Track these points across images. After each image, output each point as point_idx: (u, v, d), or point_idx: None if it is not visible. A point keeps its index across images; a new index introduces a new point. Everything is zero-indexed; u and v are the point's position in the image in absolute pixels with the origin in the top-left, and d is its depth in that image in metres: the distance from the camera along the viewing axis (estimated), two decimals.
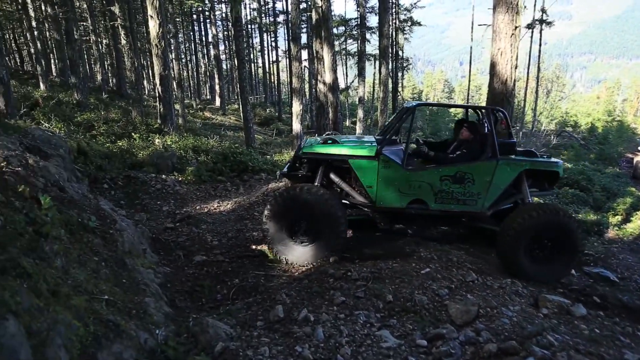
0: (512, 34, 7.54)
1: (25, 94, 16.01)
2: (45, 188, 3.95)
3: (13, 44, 30.24)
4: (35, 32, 21.51)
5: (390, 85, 23.99)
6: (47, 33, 22.42)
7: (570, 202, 11.79)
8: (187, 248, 6.01)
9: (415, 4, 30.10)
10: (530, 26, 25.96)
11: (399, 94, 29.67)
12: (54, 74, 24.69)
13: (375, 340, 3.50)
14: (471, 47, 33.44)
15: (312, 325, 3.66)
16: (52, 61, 25.93)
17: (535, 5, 26.85)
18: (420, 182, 5.53)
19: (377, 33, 21.95)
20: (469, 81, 40.00)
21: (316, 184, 5.66)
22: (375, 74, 34.33)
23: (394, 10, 28.56)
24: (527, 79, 32.32)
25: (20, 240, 2.86)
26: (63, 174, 4.61)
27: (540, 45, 29.83)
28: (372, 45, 30.78)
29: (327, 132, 6.91)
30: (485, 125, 5.96)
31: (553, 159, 5.90)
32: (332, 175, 5.90)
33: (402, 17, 30.64)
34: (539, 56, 31.62)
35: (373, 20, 28.21)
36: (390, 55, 23.86)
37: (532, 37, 28.32)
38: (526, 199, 5.64)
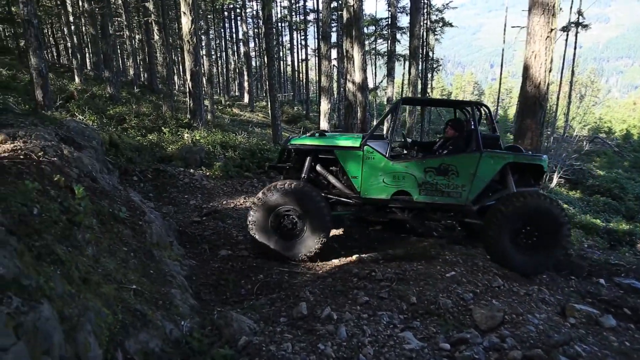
0: (548, 37, 7.38)
1: (61, 86, 16.45)
2: (79, 178, 4.05)
3: (51, 38, 31.08)
4: (72, 27, 22.07)
5: (419, 86, 23.76)
6: (83, 28, 23.00)
7: (601, 210, 11.50)
8: (213, 242, 6.08)
9: (447, 4, 29.74)
10: (565, 29, 25.30)
11: (427, 95, 29.39)
12: (89, 67, 25.30)
13: (398, 342, 3.48)
14: (503, 50, 32.84)
15: (335, 324, 3.66)
16: (87, 55, 26.56)
17: (571, 7, 26.16)
18: (404, 174, 5.57)
19: (408, 33, 21.80)
20: (500, 84, 39.28)
21: (303, 175, 5.79)
22: (405, 75, 34.09)
23: (425, 10, 28.27)
24: (560, 83, 31.53)
25: (55, 228, 2.94)
26: (95, 165, 4.73)
27: (575, 48, 29.05)
28: (402, 46, 30.59)
29: (316, 130, 6.93)
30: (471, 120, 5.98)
31: (537, 154, 5.87)
32: (319, 168, 5.98)
33: (433, 17, 30.31)
34: (574, 60, 30.81)
35: (404, 21, 28.04)
36: (420, 55, 23.68)
37: (567, 40, 27.57)
38: (513, 191, 5.59)
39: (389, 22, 27.91)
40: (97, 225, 3.50)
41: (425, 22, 28.51)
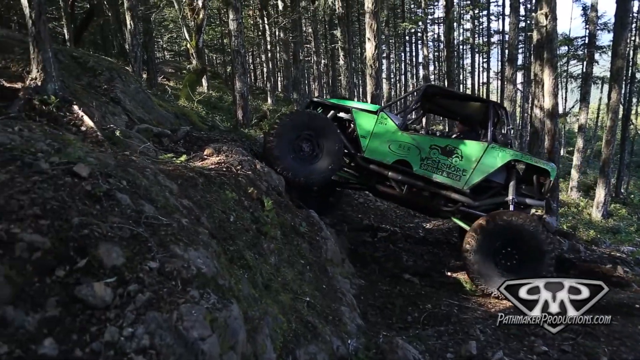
0: None
1: (256, 106, 18.43)
2: (267, 191, 4.44)
3: (251, 65, 35.22)
4: (269, 54, 24.70)
5: (620, 112, 20.89)
6: (278, 55, 25.55)
7: None
8: (382, 264, 6.12)
9: None
10: None
11: (630, 122, 25.67)
12: (279, 90, 27.96)
13: None
14: None
15: None
16: (279, 79, 29.40)
17: None
18: (410, 145, 5.81)
19: (609, 53, 19.44)
20: None
21: None
22: (602, 99, 30.43)
23: (634, 25, 24.83)
24: None
25: (246, 235, 3.26)
26: (282, 180, 5.13)
27: None
28: (601, 67, 27.41)
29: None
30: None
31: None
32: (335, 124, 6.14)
33: None
34: None
35: (604, 39, 25.19)
36: (624, 78, 20.85)
37: None
38: (511, 196, 5.69)
39: (586, 41, 25.28)
40: (280, 237, 3.79)
41: (633, 38, 25.06)
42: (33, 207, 1.97)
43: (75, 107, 4.09)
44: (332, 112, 6.17)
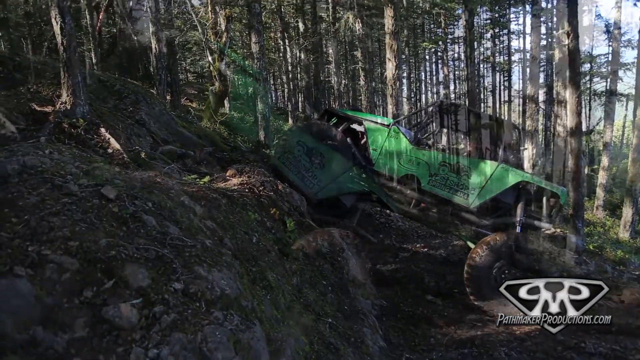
0: None
1: (277, 127, 18.59)
2: (289, 212, 4.47)
3: (272, 86, 35.68)
4: (290, 75, 25.02)
5: None
6: (298, 75, 25.86)
7: None
8: (404, 285, 6.04)
9: None
10: None
11: None
12: (300, 110, 28.19)
13: None
14: None
15: None
16: (300, 99, 29.69)
17: None
18: (420, 160, 5.84)
19: (634, 70, 19.15)
20: None
21: None
22: (627, 116, 29.87)
23: None
24: None
25: (268, 256, 3.28)
26: (303, 201, 5.15)
27: None
28: (625, 84, 26.96)
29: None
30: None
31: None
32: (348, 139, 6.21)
33: None
34: None
35: (628, 55, 24.83)
36: None
37: None
38: (518, 218, 5.64)
39: (609, 59, 24.95)
40: (302, 258, 3.79)
41: None
42: (63, 229, 2.02)
43: (103, 130, 4.21)
44: (345, 123, 6.21)
